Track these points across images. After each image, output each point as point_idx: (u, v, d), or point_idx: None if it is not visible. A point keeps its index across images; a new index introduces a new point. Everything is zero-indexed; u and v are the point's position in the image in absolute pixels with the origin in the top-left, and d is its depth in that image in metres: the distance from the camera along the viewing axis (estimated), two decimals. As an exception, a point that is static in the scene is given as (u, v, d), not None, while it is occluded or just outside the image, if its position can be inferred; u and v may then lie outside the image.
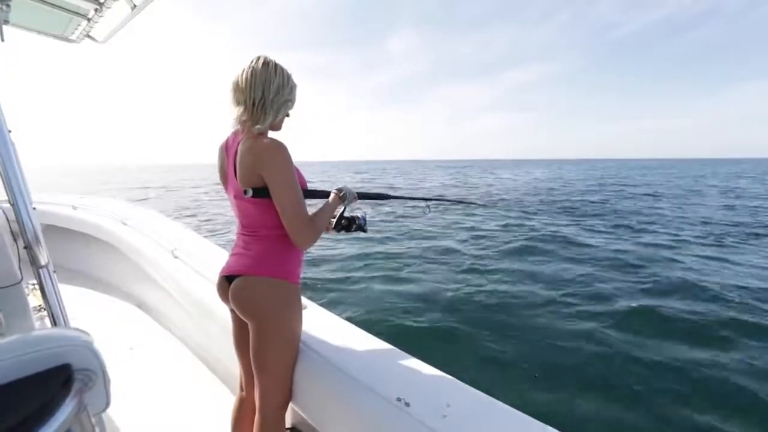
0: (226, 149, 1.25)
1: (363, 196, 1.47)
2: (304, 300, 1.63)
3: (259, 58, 1.15)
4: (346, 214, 1.41)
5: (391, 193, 1.62)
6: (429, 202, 1.81)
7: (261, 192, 1.14)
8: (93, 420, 0.55)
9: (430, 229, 9.39)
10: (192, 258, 2.14)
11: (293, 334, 1.23)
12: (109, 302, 2.94)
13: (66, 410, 0.47)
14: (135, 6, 1.56)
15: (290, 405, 1.25)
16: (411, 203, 1.91)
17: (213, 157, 1.33)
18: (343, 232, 1.43)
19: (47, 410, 0.46)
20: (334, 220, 1.40)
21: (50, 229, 3.69)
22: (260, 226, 1.20)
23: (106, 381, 0.59)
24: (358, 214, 1.45)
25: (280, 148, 1.11)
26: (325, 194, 1.36)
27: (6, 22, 1.40)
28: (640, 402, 2.75)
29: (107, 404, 0.59)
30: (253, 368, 1.23)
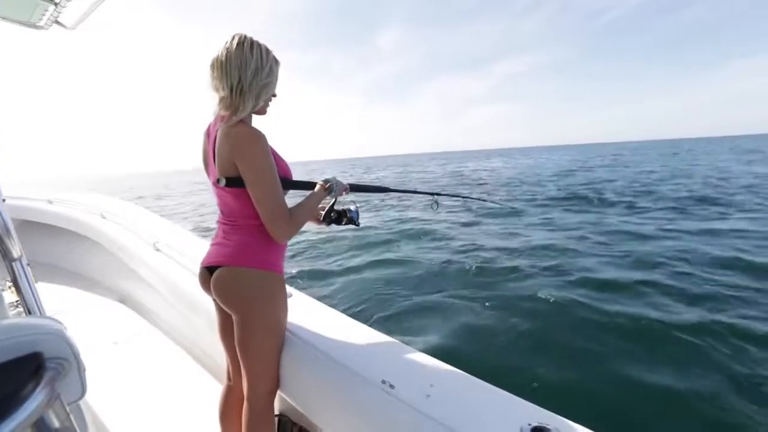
0: (207, 134, 1.22)
1: (356, 188, 1.42)
2: (289, 288, 1.62)
3: (233, 37, 1.08)
4: (336, 207, 1.37)
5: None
6: (436, 197, 1.67)
7: (235, 182, 1.12)
8: (67, 408, 0.54)
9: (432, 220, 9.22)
10: (174, 250, 2.11)
11: (278, 323, 1.23)
12: (90, 297, 2.88)
13: (37, 399, 0.47)
14: None
15: (278, 392, 1.27)
16: (414, 197, 1.85)
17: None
18: (333, 225, 1.38)
19: (17, 399, 0.45)
20: (323, 212, 1.36)
21: (24, 225, 3.58)
22: (239, 215, 1.18)
23: (80, 369, 0.58)
24: (351, 207, 1.39)
25: (255, 137, 1.08)
26: (310, 185, 1.32)
27: None
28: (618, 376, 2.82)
29: (83, 392, 0.59)
30: (239, 357, 1.23)
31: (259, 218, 1.13)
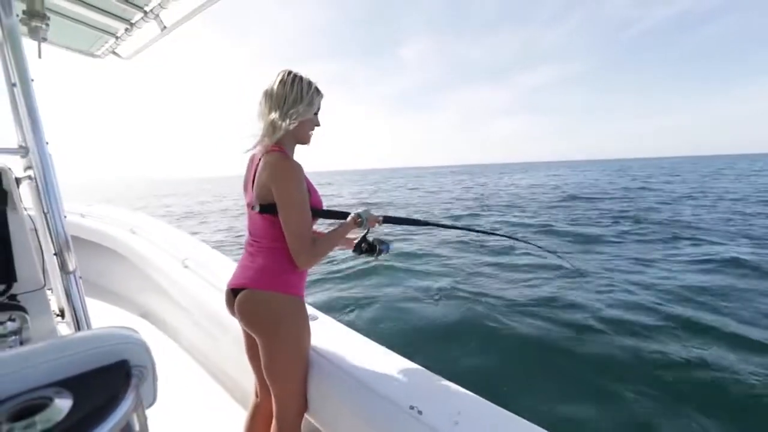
0: (251, 161, 1.30)
1: (390, 220, 1.43)
2: (315, 311, 1.67)
3: (279, 74, 1.20)
4: (369, 238, 1.38)
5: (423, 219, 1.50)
6: (474, 234, 1.61)
7: (269, 209, 1.17)
8: (146, 413, 0.59)
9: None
10: (203, 268, 2.16)
11: (300, 346, 1.24)
12: (112, 311, 2.93)
13: (127, 402, 0.51)
14: (165, 27, 1.63)
15: (305, 414, 1.28)
16: (450, 232, 1.73)
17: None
18: (364, 255, 1.39)
19: (114, 401, 0.50)
20: (356, 241, 1.38)
21: None
22: (264, 236, 1.23)
23: (155, 377, 0.63)
24: (384, 240, 1.39)
25: (292, 168, 1.14)
26: (342, 216, 1.35)
27: (44, 39, 1.45)
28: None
29: (155, 399, 0.63)
30: (267, 381, 1.26)
31: (283, 243, 1.18)
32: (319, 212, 1.29)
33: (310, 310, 1.65)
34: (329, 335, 1.46)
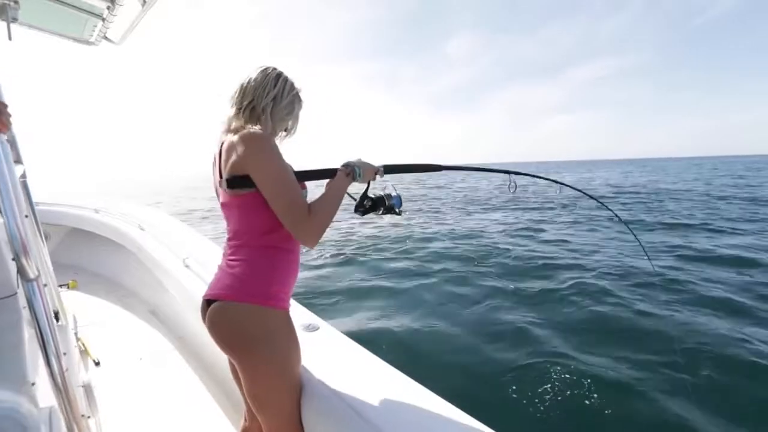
0: (214, 156, 1.12)
1: (393, 169, 1.21)
2: (317, 320, 1.50)
3: (264, 66, 1.10)
4: (369, 194, 1.17)
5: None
6: (511, 175, 1.37)
7: (238, 182, 1.01)
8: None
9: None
10: (203, 268, 2.06)
11: (287, 369, 1.06)
12: (124, 307, 2.94)
13: None
14: (145, 2, 1.50)
15: None
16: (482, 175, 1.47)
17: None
18: (370, 215, 1.18)
19: None
20: (356, 202, 1.17)
21: (75, 233, 3.80)
22: (245, 231, 1.06)
23: None
24: (392, 193, 1.19)
25: (264, 137, 1.01)
26: (329, 173, 1.14)
27: (14, 20, 1.35)
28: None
29: None
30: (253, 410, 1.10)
31: (267, 234, 1.04)
32: (301, 174, 1.10)
33: (311, 319, 1.50)
34: (329, 351, 1.29)
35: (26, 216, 1.23)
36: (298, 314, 1.51)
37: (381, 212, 1.18)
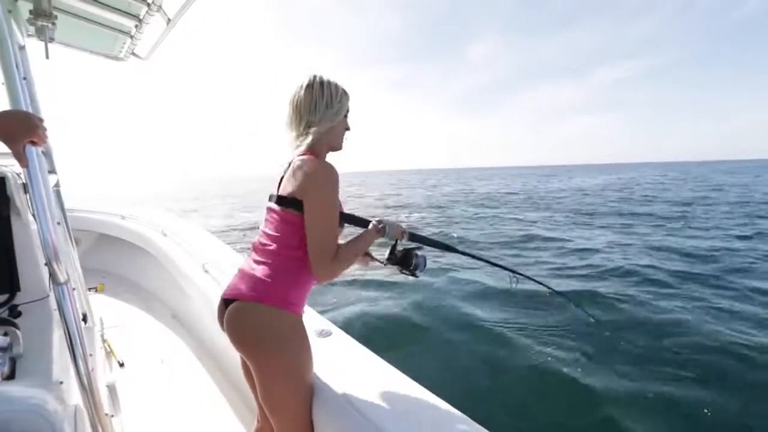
0: (284, 168, 1.21)
1: (415, 237, 1.30)
2: (329, 325, 1.52)
3: (304, 79, 1.14)
4: (399, 248, 1.26)
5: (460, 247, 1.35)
6: (516, 275, 1.40)
7: (290, 203, 1.08)
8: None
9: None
10: (222, 273, 2.11)
11: (300, 374, 1.09)
12: (147, 310, 3.04)
13: None
14: (169, 20, 1.58)
15: None
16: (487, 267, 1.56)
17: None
18: (397, 268, 1.26)
19: None
20: (388, 251, 1.27)
21: (104, 238, 3.97)
22: (278, 240, 1.11)
23: None
24: (418, 252, 1.26)
25: (330, 170, 1.08)
26: (363, 223, 1.24)
27: (51, 39, 1.44)
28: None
29: None
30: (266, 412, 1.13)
31: (295, 251, 1.08)
32: (344, 216, 1.19)
33: (324, 325, 1.52)
34: (342, 356, 1.31)
35: (58, 223, 1.30)
36: (311, 320, 1.54)
37: (409, 268, 1.24)
